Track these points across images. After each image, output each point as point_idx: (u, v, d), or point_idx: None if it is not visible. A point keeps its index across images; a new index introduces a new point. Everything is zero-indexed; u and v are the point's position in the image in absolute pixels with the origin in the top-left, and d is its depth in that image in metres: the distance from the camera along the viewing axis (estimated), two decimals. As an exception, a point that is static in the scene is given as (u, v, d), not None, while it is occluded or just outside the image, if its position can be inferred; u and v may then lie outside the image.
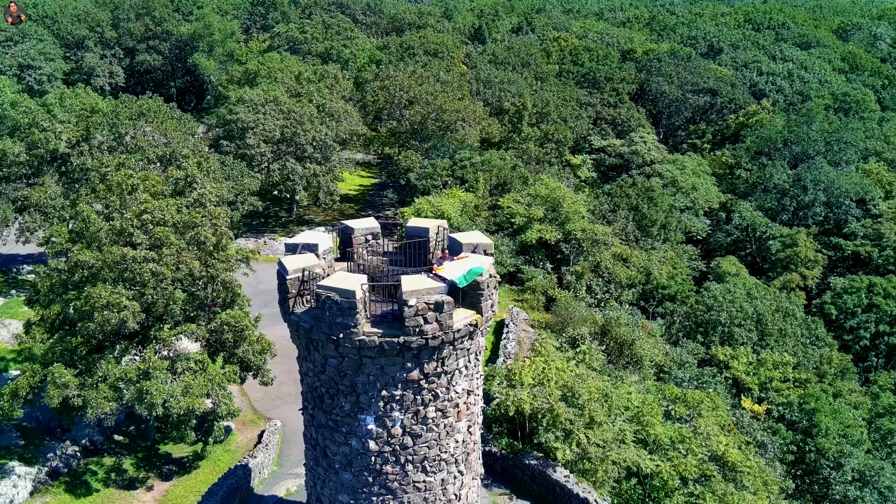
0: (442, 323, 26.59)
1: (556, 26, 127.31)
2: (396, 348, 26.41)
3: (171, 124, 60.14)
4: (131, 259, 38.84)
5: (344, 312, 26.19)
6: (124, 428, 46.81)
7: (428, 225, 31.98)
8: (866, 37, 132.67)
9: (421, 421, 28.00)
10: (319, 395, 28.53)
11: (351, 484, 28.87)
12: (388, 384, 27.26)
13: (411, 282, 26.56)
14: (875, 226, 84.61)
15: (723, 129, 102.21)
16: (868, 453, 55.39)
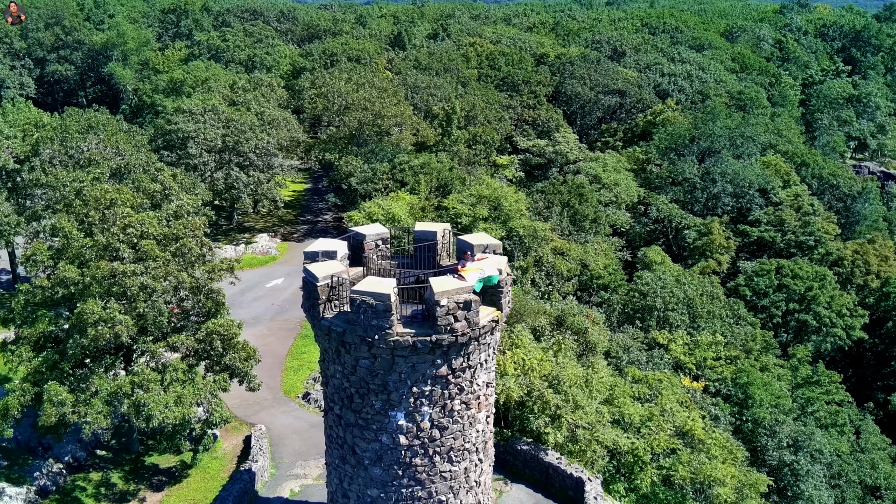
0: (470, 320, 27.74)
1: (470, 32, 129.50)
2: (429, 346, 27.41)
3: (121, 137, 58.52)
4: (122, 273, 38.13)
5: (379, 315, 26.96)
6: (105, 442, 45.70)
7: (435, 228, 33.05)
8: (751, 38, 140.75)
9: (447, 414, 29.03)
10: (349, 395, 29.12)
11: (381, 478, 29.58)
12: (418, 381, 28.17)
13: (441, 283, 27.60)
14: (777, 213, 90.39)
15: (632, 127, 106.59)
16: (796, 420, 59.57)
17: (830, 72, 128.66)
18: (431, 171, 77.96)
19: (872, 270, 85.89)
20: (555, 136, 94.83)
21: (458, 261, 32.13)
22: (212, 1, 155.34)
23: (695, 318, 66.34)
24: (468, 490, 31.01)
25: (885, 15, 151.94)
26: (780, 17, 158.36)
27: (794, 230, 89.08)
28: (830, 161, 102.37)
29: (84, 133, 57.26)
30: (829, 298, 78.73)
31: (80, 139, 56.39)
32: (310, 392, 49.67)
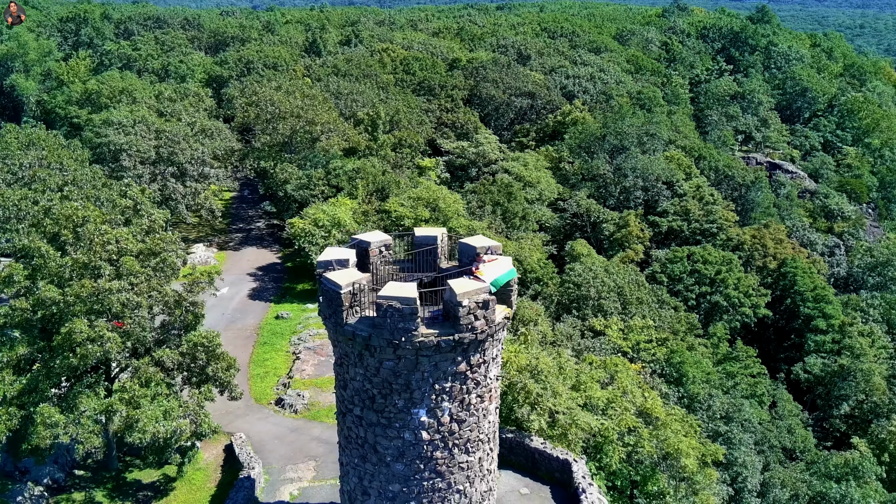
0: (488, 318, 28.95)
1: (381, 38, 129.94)
2: (451, 345, 28.42)
3: (64, 153, 56.28)
4: (107, 291, 37.29)
5: (405, 318, 27.79)
6: (82, 462, 44.25)
7: (435, 233, 33.98)
8: (641, 41, 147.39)
9: (465, 407, 30.15)
10: (370, 396, 29.75)
11: (403, 473, 30.38)
12: (440, 378, 29.17)
13: (461, 285, 28.65)
14: (682, 203, 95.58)
15: (544, 127, 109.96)
16: (726, 394, 63.74)
17: (714, 71, 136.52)
18: (367, 175, 78.51)
19: (770, 253, 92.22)
20: (476, 137, 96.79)
21: (458, 263, 33.31)
22: (111, 8, 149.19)
23: (626, 305, 69.70)
24: (482, 478, 32.24)
25: (758, 17, 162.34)
26: (664, 21, 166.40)
27: (699, 219, 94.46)
28: (724, 154, 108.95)
29: (25, 149, 54.74)
30: (736, 280, 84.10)
31: (22, 156, 53.93)
32: (283, 398, 49.51)
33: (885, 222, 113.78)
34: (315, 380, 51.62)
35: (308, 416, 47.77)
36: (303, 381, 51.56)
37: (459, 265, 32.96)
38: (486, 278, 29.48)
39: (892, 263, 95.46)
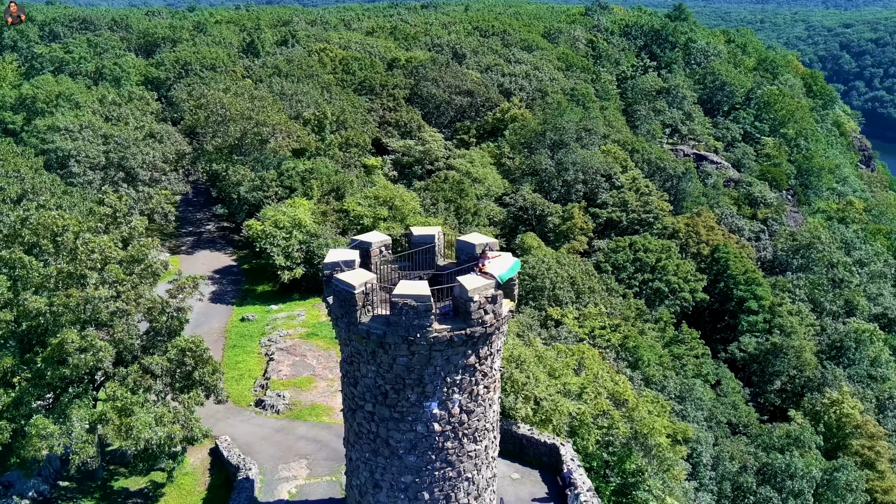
0: (496, 312, 30.01)
1: (318, 38, 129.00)
2: (463, 339, 29.34)
3: (20, 160, 54.39)
4: (96, 300, 36.71)
5: (420, 315, 28.58)
6: (65, 473, 43.21)
7: (432, 232, 34.76)
8: (569, 39, 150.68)
9: (474, 398, 31.16)
10: (383, 392, 30.41)
11: (415, 465, 31.17)
12: (451, 371, 30.08)
13: (470, 281, 29.60)
14: (620, 195, 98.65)
15: (483, 124, 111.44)
16: (678, 374, 66.57)
17: (640, 68, 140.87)
18: (320, 175, 78.34)
19: (703, 239, 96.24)
20: (422, 135, 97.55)
21: (457, 260, 34.21)
22: (34, 10, 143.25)
23: (579, 295, 71.83)
24: (487, 465, 33.32)
25: (676, 14, 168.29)
26: (588, 19, 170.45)
27: (636, 209, 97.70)
28: (654, 146, 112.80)
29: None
30: (675, 267, 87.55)
31: (-25, 164, 51.99)
32: (263, 399, 49.34)
33: (804, 207, 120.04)
34: (293, 380, 51.60)
35: (291, 416, 47.79)
36: (281, 381, 51.46)
37: (458, 262, 33.87)
38: (493, 274, 30.51)
39: (814, 246, 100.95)
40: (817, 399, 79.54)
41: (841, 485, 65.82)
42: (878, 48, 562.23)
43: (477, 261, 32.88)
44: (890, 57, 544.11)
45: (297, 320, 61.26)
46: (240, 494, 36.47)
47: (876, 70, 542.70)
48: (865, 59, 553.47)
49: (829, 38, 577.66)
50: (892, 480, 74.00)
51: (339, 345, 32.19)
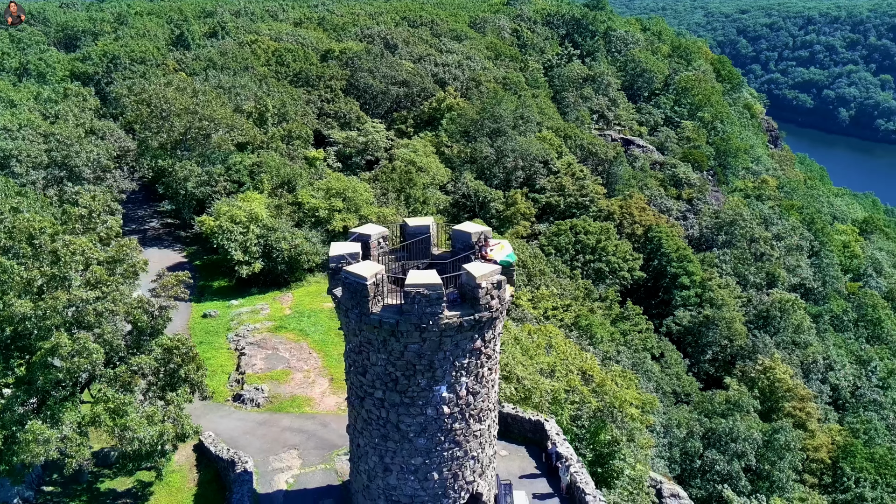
0: (501, 297, 31.19)
1: (248, 29, 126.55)
2: (472, 324, 30.42)
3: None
4: (83, 302, 36.09)
5: (432, 303, 29.51)
6: (47, 478, 42.16)
7: (427, 223, 35.53)
8: (495, 28, 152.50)
9: (479, 380, 32.35)
10: (393, 379, 31.19)
11: (425, 447, 32.14)
12: (459, 355, 31.17)
13: (477, 268, 30.65)
14: (557, 180, 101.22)
15: (420, 114, 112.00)
16: (628, 349, 69.35)
17: (564, 56, 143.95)
18: (269, 168, 77.60)
19: (636, 220, 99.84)
20: (365, 126, 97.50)
21: (452, 249, 35.12)
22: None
23: (531, 277, 73.77)
24: (490, 443, 34.59)
25: (594, 3, 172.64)
26: (511, 9, 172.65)
27: (573, 193, 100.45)
28: (585, 132, 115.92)
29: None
30: (614, 247, 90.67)
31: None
32: (241, 394, 49.13)
33: (723, 187, 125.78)
34: (269, 373, 51.53)
35: (272, 409, 47.83)
36: (257, 375, 51.31)
37: (454, 251, 34.81)
38: (497, 260, 31.63)
39: (737, 223, 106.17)
40: (750, 366, 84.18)
41: (780, 445, 70.15)
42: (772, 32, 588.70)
43: (473, 249, 33.95)
44: (783, 41, 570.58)
45: (262, 314, 60.94)
46: (242, 487, 36.54)
47: (771, 54, 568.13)
48: (761, 43, 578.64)
49: (727, 23, 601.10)
50: (821, 438, 79.30)
51: (345, 335, 32.66)
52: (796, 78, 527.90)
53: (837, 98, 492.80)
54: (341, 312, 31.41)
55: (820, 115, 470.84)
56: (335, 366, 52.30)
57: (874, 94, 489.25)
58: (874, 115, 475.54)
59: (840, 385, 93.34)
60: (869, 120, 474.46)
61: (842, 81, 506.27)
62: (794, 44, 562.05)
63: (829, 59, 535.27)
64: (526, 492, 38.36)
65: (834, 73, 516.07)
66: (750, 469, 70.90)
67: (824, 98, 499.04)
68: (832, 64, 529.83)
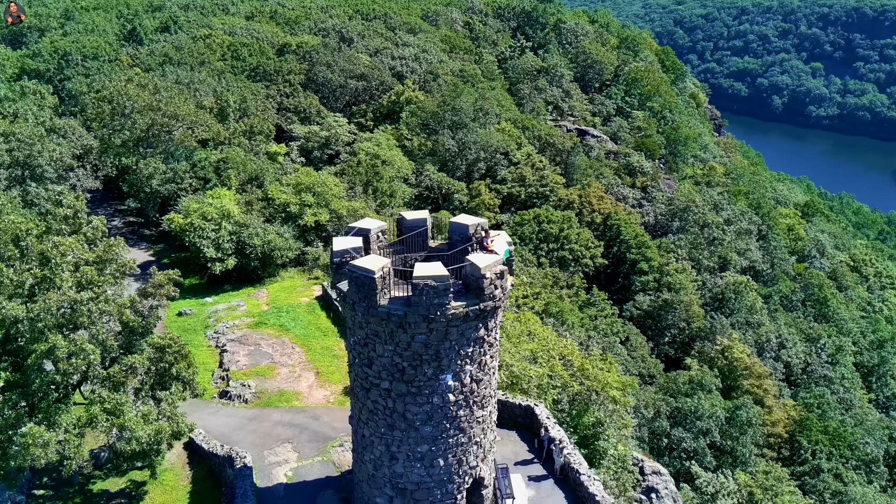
0: (503, 287, 32.00)
1: (200, 24, 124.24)
2: (477, 313, 31.14)
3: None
4: (77, 303, 35.68)
5: (440, 294, 30.14)
6: (38, 482, 41.47)
7: (423, 216, 36.06)
8: (448, 21, 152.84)
9: (482, 368, 33.15)
10: (400, 369, 31.73)
11: (431, 434, 32.81)
12: (464, 344, 31.90)
13: (481, 259, 31.37)
14: (518, 171, 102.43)
15: (379, 107, 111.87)
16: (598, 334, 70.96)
17: (517, 48, 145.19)
18: (236, 164, 76.87)
19: (595, 209, 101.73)
20: (327, 120, 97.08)
21: (449, 241, 35.76)
22: None
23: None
24: (491, 429, 35.43)
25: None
26: (462, 2, 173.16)
27: (533, 184, 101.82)
28: (542, 123, 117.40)
29: None
30: (577, 235, 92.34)
31: None
32: (227, 390, 48.95)
33: (675, 174, 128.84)
34: (254, 369, 51.41)
35: (261, 405, 47.81)
36: (242, 372, 51.15)
37: (451, 243, 35.46)
38: (498, 251, 32.38)
39: (690, 209, 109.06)
40: (709, 346, 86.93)
41: (742, 421, 72.84)
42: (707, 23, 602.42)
43: (470, 241, 34.68)
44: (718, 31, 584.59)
45: (240, 311, 60.57)
46: (244, 482, 36.63)
47: (707, 44, 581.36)
48: (697, 33, 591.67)
49: (664, 14, 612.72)
50: (777, 414, 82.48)
51: (349, 328, 32.96)
52: (731, 67, 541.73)
53: (771, 86, 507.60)
54: (347, 306, 31.73)
55: (754, 102, 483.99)
56: (319, 360, 52.55)
57: (805, 82, 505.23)
58: (806, 101, 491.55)
59: (792, 362, 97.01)
60: (801, 107, 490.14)
61: (775, 70, 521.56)
62: (728, 34, 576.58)
63: (763, 49, 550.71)
64: (521, 475, 39.39)
65: (767, 62, 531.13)
66: (714, 445, 73.48)
67: (758, 86, 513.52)
68: (765, 53, 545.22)
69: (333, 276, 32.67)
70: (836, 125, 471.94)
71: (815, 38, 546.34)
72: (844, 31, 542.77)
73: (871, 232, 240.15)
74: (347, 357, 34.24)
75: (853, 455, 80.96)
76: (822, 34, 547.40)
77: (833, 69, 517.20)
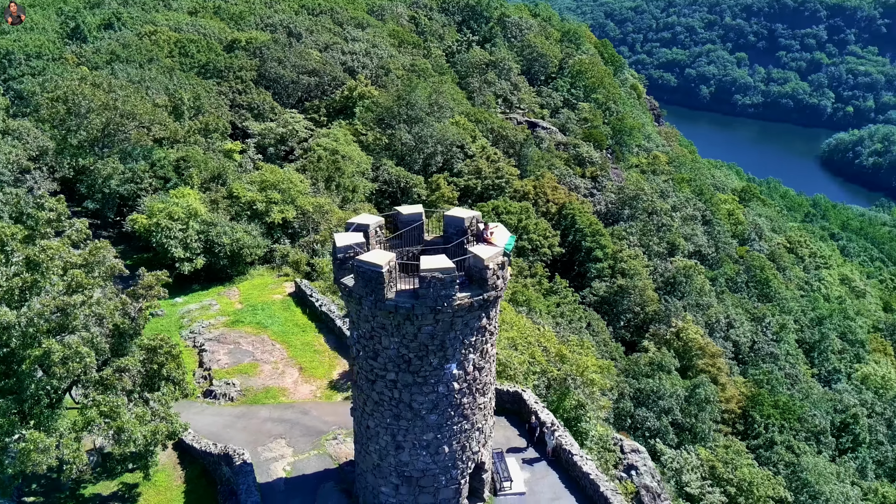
0: (504, 277, 32.94)
1: (144, 20, 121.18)
2: (481, 303, 32.00)
3: None
4: (71, 307, 35.20)
5: (447, 286, 30.92)
6: (26, 489, 40.59)
7: (419, 211, 36.66)
8: (393, 15, 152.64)
9: (483, 356, 34.11)
10: (406, 360, 32.40)
11: (436, 422, 33.61)
12: (468, 334, 32.78)
13: (483, 251, 32.22)
14: (474, 163, 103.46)
15: (332, 103, 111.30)
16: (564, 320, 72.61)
17: (464, 42, 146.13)
18: (197, 163, 75.78)
19: (550, 199, 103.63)
20: (284, 116, 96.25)
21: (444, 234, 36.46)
22: None
23: (466, 258, 75.51)
24: (490, 414, 36.36)
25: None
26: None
27: (489, 176, 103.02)
28: (494, 116, 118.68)
29: None
30: (535, 225, 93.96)
31: None
32: (212, 389, 48.64)
33: (622, 164, 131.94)
34: (237, 367, 51.15)
35: (248, 402, 47.70)
36: (224, 370, 50.84)
37: (446, 235, 36.18)
38: (499, 243, 33.24)
39: (640, 197, 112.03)
40: (664, 329, 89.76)
41: (701, 399, 75.65)
42: (637, 15, 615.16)
43: (465, 234, 35.48)
44: (647, 23, 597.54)
45: (213, 310, 60.01)
46: (247, 478, 36.70)
47: (637, 36, 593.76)
48: (627, 26, 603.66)
49: (596, 7, 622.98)
50: (731, 391, 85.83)
51: (353, 323, 33.36)
52: (661, 58, 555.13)
53: (698, 76, 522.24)
54: (353, 300, 32.10)
55: (683, 92, 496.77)
56: (301, 355, 52.60)
57: (731, 72, 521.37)
58: (732, 90, 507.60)
59: (740, 341, 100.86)
60: (727, 96, 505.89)
61: (702, 60, 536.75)
62: (657, 26, 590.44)
63: (690, 40, 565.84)
64: (515, 458, 40.45)
65: (695, 53, 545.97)
66: (676, 423, 76.09)
67: (687, 76, 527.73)
68: (692, 44, 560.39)
69: (336, 272, 33.02)
70: (762, 113, 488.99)
71: (739, 28, 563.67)
72: (767, 22, 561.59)
73: (798, 215, 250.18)
74: (351, 350, 34.63)
75: (802, 427, 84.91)
76: (746, 25, 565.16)
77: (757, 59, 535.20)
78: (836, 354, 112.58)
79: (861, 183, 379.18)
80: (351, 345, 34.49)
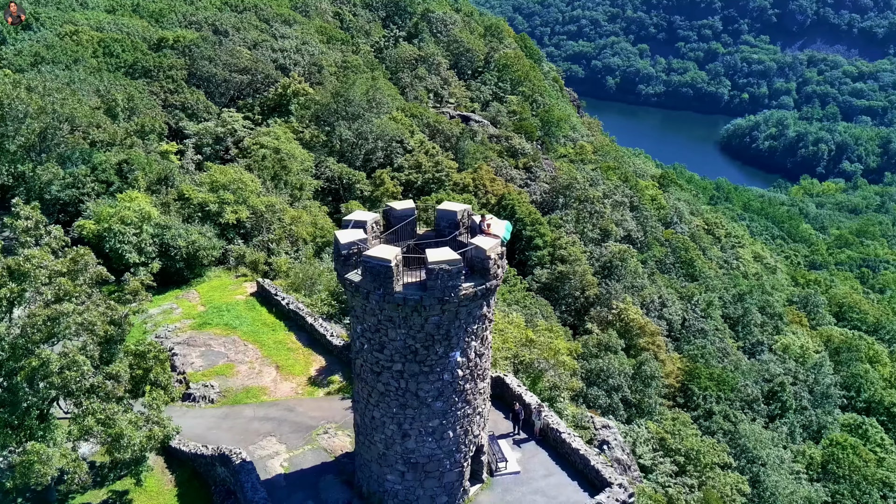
0: (503, 267, 34.19)
1: (62, 20, 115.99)
2: (483, 292, 33.17)
3: None
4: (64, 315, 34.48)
5: (453, 277, 31.98)
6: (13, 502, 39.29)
7: (411, 206, 37.39)
8: (318, 12, 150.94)
9: (483, 343, 35.35)
10: (412, 350, 33.30)
11: (441, 409, 34.67)
12: (471, 322, 33.95)
13: (484, 242, 33.35)
14: (413, 158, 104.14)
15: (266, 101, 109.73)
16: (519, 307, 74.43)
17: (392, 38, 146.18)
18: (141, 165, 73.82)
19: (489, 190, 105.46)
20: (222, 116, 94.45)
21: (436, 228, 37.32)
22: None
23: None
24: (488, 398, 37.54)
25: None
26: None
27: (429, 170, 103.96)
28: (427, 110, 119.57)
29: None
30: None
31: None
32: (190, 392, 48.00)
33: (551, 154, 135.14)
34: (212, 369, 50.61)
35: (229, 403, 47.38)
36: (200, 373, 50.23)
37: (438, 229, 37.08)
38: (497, 234, 34.38)
39: (573, 186, 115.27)
40: (605, 311, 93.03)
41: (646, 375, 79.03)
42: (544, 9, 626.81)
43: (458, 227, 36.49)
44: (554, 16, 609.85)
45: (176, 314, 58.96)
46: (250, 476, 36.69)
47: (544, 29, 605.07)
48: (535, 19, 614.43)
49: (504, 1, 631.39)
50: (670, 366, 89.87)
51: (357, 317, 33.83)
52: (568, 51, 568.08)
53: (604, 67, 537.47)
54: (359, 295, 32.61)
55: (590, 83, 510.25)
56: (275, 354, 52.47)
57: (634, 63, 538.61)
58: (636, 81, 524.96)
59: (673, 319, 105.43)
60: (632, 86, 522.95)
61: (607, 52, 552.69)
62: (563, 19, 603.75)
63: (595, 32, 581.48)
64: (505, 440, 41.78)
65: (600, 45, 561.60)
66: (625, 400, 79.26)
67: (593, 68, 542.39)
68: (597, 36, 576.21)
69: (341, 268, 33.46)
70: (664, 101, 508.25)
71: (640, 21, 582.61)
72: (666, 14, 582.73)
73: (703, 198, 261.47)
74: (353, 345, 35.10)
75: (737, 397, 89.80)
76: (646, 17, 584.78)
77: (658, 50, 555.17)
78: (759, 327, 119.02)
79: (758, 166, 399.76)
80: (353, 339, 34.96)
